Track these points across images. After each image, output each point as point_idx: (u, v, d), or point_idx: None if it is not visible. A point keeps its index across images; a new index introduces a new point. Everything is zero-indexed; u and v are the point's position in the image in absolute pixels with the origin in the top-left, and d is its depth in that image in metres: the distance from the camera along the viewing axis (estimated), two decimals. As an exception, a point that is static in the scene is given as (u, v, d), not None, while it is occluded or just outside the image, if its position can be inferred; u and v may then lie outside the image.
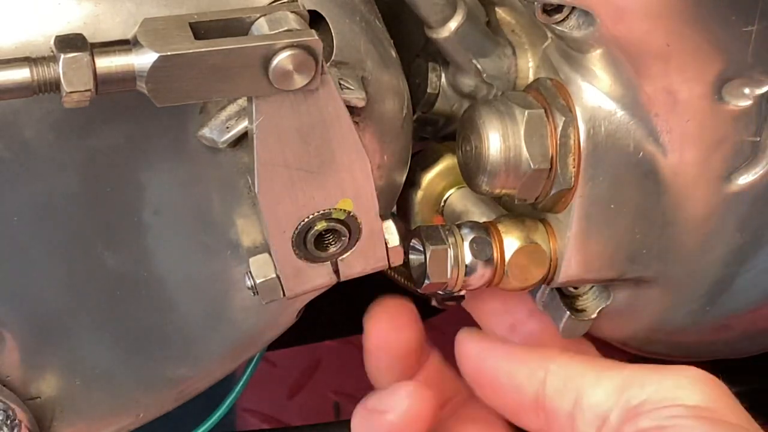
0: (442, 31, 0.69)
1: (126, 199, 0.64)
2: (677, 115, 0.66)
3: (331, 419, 1.57)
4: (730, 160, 0.68)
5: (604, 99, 0.66)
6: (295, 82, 0.59)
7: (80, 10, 0.60)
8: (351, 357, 1.63)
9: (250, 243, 0.67)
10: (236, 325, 0.70)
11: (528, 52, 0.71)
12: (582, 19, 0.63)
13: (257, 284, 0.66)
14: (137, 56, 0.56)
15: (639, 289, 0.73)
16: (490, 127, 0.67)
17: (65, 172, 0.63)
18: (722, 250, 0.71)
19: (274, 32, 0.58)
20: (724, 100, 0.65)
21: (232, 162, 0.64)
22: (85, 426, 0.71)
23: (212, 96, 0.59)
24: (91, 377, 0.70)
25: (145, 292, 0.67)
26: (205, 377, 0.73)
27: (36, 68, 0.56)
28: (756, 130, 0.67)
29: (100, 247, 0.65)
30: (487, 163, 0.67)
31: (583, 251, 0.69)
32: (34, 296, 0.66)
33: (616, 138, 0.66)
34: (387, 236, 0.67)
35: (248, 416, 1.56)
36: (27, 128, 0.61)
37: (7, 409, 0.67)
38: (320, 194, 0.64)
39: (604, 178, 0.67)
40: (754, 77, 0.65)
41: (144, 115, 0.62)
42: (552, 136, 0.67)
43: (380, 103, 0.65)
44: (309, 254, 0.65)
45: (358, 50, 0.64)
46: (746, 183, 0.68)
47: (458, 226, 0.71)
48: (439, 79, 0.74)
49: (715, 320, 0.76)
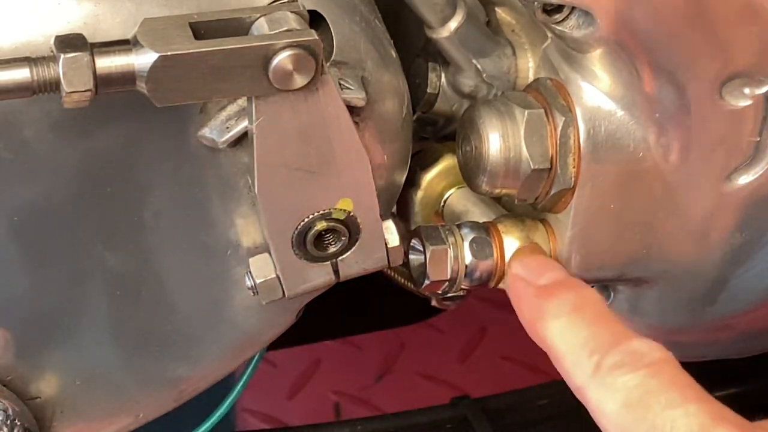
0: (442, 31, 0.69)
1: (126, 199, 0.64)
2: (677, 115, 0.66)
3: (331, 419, 1.57)
4: (730, 160, 0.68)
5: (604, 99, 0.66)
6: (295, 82, 0.59)
7: (80, 10, 0.60)
8: (351, 357, 1.64)
9: (250, 243, 0.67)
10: (236, 325, 0.70)
11: (528, 52, 0.71)
12: (582, 19, 0.63)
13: (257, 284, 0.66)
14: (137, 56, 0.56)
15: (639, 289, 0.73)
16: (490, 127, 0.67)
17: (65, 172, 0.63)
18: (722, 250, 0.71)
19: (274, 32, 0.58)
20: (724, 100, 0.65)
21: (232, 162, 0.64)
22: (85, 426, 0.71)
23: (212, 96, 0.59)
24: (91, 377, 0.70)
25: (145, 292, 0.67)
26: (205, 377, 0.73)
27: (36, 68, 0.56)
28: (756, 130, 0.67)
29: (100, 247, 0.65)
30: (487, 163, 0.67)
31: (583, 251, 0.69)
32: (34, 296, 0.66)
33: (616, 138, 0.66)
34: (387, 236, 0.67)
35: (248, 416, 1.56)
36: (27, 128, 0.61)
37: (7, 409, 0.67)
38: (320, 194, 0.64)
39: (604, 178, 0.67)
40: (754, 77, 0.65)
41: (144, 115, 0.62)
42: (552, 136, 0.67)
43: (380, 103, 0.65)
44: (309, 254, 0.65)
45: (358, 50, 0.64)
46: (746, 183, 0.68)
47: (458, 226, 0.71)
48: (439, 79, 0.74)
49: (715, 320, 0.76)
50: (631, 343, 0.59)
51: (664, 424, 0.55)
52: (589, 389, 0.58)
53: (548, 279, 0.65)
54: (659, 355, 0.58)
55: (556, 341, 0.61)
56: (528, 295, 0.64)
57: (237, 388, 0.77)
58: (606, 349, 0.59)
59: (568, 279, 0.65)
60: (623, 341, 0.59)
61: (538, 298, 0.64)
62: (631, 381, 0.57)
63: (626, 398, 0.57)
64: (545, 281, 0.65)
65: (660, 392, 0.56)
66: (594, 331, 0.60)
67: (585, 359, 0.59)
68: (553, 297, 0.63)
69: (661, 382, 0.57)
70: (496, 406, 1.02)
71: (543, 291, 0.64)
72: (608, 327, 0.60)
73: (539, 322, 0.62)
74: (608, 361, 0.58)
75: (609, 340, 0.59)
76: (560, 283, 0.64)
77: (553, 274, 0.65)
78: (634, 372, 0.57)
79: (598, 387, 0.58)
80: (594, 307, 0.62)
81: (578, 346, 0.60)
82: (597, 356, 0.59)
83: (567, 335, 0.61)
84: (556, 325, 0.61)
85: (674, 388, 0.56)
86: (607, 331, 0.60)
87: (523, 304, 0.65)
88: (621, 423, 0.57)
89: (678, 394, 0.56)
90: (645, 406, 0.56)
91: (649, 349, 0.58)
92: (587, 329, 0.60)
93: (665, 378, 0.57)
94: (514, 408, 1.03)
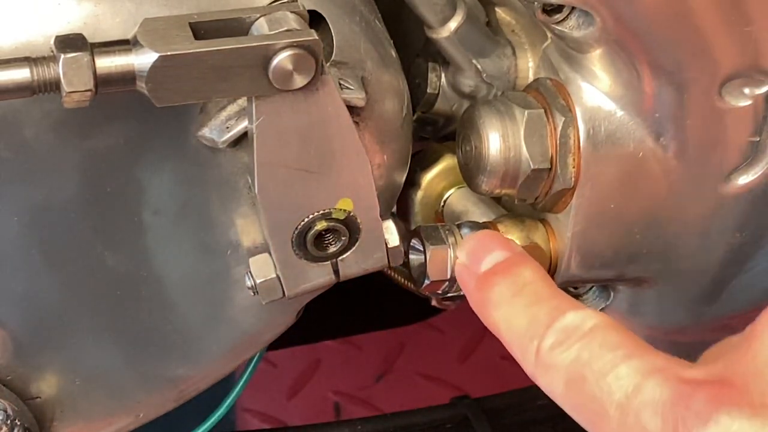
0: (442, 31, 0.69)
1: (126, 199, 0.64)
2: (677, 115, 0.66)
3: (331, 419, 1.57)
4: (730, 160, 0.68)
5: (604, 99, 0.66)
6: (295, 82, 0.59)
7: (80, 10, 0.60)
8: (351, 357, 1.64)
9: (250, 243, 0.67)
10: (236, 325, 0.70)
11: (528, 52, 0.72)
12: (582, 19, 0.63)
13: (257, 284, 0.66)
14: (137, 56, 0.56)
15: (639, 289, 0.73)
16: (490, 127, 0.67)
17: (65, 172, 0.63)
18: (722, 250, 0.71)
19: (274, 32, 0.58)
20: (724, 100, 0.65)
21: (232, 162, 0.64)
22: (85, 426, 0.71)
23: (212, 96, 0.59)
24: (91, 377, 0.70)
25: (145, 292, 0.68)
26: (205, 377, 0.73)
27: (36, 68, 0.56)
28: (756, 130, 0.67)
29: (100, 247, 0.65)
30: (487, 163, 0.67)
31: (583, 251, 0.69)
32: (34, 296, 0.66)
33: (616, 138, 0.67)
34: (387, 236, 0.67)
35: (248, 416, 1.57)
36: (27, 128, 0.61)
37: (7, 409, 0.67)
38: (320, 194, 0.64)
39: (604, 178, 0.67)
40: (754, 77, 0.65)
41: (144, 115, 0.62)
42: (552, 136, 0.67)
43: (380, 103, 0.65)
44: (309, 254, 0.65)
45: (358, 50, 0.64)
46: (746, 183, 0.68)
47: (458, 226, 0.71)
48: (439, 79, 0.74)
49: (715, 320, 0.76)
50: (564, 319, 0.58)
51: (602, 394, 0.55)
52: (537, 376, 0.58)
53: (488, 263, 0.64)
54: (591, 324, 0.57)
55: (502, 331, 0.61)
56: (471, 288, 0.64)
57: (237, 388, 0.77)
58: (543, 332, 0.58)
59: (506, 259, 0.64)
60: (558, 318, 0.58)
61: (479, 291, 0.63)
62: (567, 358, 0.57)
63: (567, 376, 0.56)
64: (485, 267, 0.64)
65: (592, 362, 0.56)
66: (532, 314, 0.60)
67: (528, 346, 0.59)
68: (492, 286, 0.63)
69: (592, 351, 0.56)
70: (496, 406, 1.02)
71: (482, 281, 0.64)
72: (544, 306, 0.60)
73: (484, 312, 0.62)
74: (546, 344, 0.58)
75: (545, 321, 0.59)
76: (499, 267, 0.64)
77: (492, 256, 0.64)
78: (569, 349, 0.57)
79: (543, 372, 0.58)
80: (531, 287, 0.61)
81: (521, 334, 0.60)
82: (536, 340, 0.58)
83: (510, 324, 0.60)
84: (499, 315, 0.61)
85: (605, 353, 0.56)
86: (542, 311, 0.59)
87: (469, 296, 0.64)
88: (569, 402, 0.57)
89: (609, 358, 0.55)
90: (582, 380, 0.55)
91: (582, 320, 0.58)
92: (525, 315, 0.60)
93: (596, 346, 0.56)
94: (514, 408, 1.03)
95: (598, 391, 0.55)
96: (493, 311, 0.62)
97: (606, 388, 0.55)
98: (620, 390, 0.54)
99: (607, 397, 0.55)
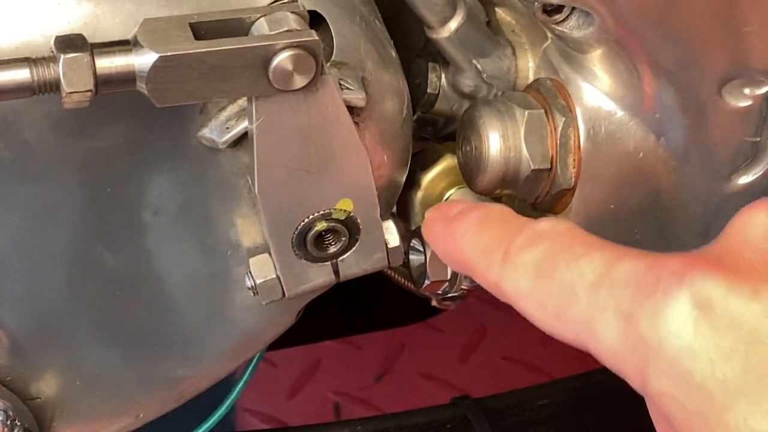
0: (442, 31, 0.69)
1: (126, 199, 0.64)
2: (677, 115, 0.66)
3: (331, 419, 1.57)
4: (730, 160, 0.68)
5: (604, 99, 0.66)
6: (295, 83, 0.59)
7: (80, 10, 0.60)
8: (351, 357, 1.64)
9: (250, 243, 0.67)
10: (236, 325, 0.70)
11: (528, 52, 0.71)
12: (582, 19, 0.63)
13: (257, 284, 0.66)
14: (137, 56, 0.56)
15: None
16: (490, 127, 0.67)
17: (65, 172, 0.63)
18: (722, 250, 0.71)
19: (274, 32, 0.58)
20: (724, 100, 0.65)
21: (232, 162, 0.64)
22: (85, 426, 0.71)
23: (212, 96, 0.59)
24: (91, 377, 0.70)
25: (145, 292, 0.67)
26: (205, 377, 0.73)
27: (36, 68, 0.56)
28: (756, 130, 0.67)
29: (100, 248, 0.65)
30: (487, 163, 0.67)
31: (583, 251, 0.69)
32: (34, 296, 0.66)
33: (616, 138, 0.67)
34: (387, 236, 0.67)
35: (248, 416, 1.56)
36: (27, 128, 0.61)
37: (7, 409, 0.67)
38: (320, 194, 0.64)
39: (604, 178, 0.67)
40: (754, 77, 0.65)
41: (144, 115, 0.62)
42: (552, 137, 0.67)
43: (380, 103, 0.65)
44: (309, 254, 0.65)
45: (358, 50, 0.64)
46: (746, 183, 0.68)
47: (458, 226, 0.70)
48: (439, 79, 0.74)
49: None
50: (536, 225, 0.57)
51: (572, 278, 0.53)
52: (503, 278, 0.57)
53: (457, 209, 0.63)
54: (563, 227, 0.56)
55: (467, 252, 0.59)
56: (439, 229, 0.63)
57: (237, 388, 0.77)
58: (512, 238, 0.57)
59: (477, 204, 0.63)
60: (528, 226, 0.58)
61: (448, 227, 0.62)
62: (539, 253, 0.56)
63: (536, 270, 0.55)
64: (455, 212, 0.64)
65: (564, 251, 0.55)
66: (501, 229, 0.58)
67: (495, 253, 0.57)
68: (460, 220, 0.62)
69: (564, 243, 0.55)
70: (496, 406, 1.02)
71: (451, 219, 0.62)
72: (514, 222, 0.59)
73: (451, 245, 0.61)
74: (516, 245, 0.57)
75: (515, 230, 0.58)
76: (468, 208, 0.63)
77: (463, 205, 0.63)
78: (540, 245, 0.56)
79: (510, 271, 0.56)
80: (500, 213, 0.60)
81: (488, 246, 0.58)
82: (504, 245, 0.57)
83: (477, 242, 0.59)
84: (466, 239, 0.60)
85: (577, 243, 0.55)
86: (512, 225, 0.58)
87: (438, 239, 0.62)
88: (536, 295, 0.55)
89: (581, 247, 0.54)
90: (553, 268, 0.54)
91: (554, 224, 0.56)
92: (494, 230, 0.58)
93: (567, 239, 0.55)
94: (514, 408, 1.03)
95: (568, 275, 0.53)
96: (459, 238, 0.60)
97: (577, 270, 0.53)
98: (593, 271, 0.53)
99: (578, 279, 0.53)
